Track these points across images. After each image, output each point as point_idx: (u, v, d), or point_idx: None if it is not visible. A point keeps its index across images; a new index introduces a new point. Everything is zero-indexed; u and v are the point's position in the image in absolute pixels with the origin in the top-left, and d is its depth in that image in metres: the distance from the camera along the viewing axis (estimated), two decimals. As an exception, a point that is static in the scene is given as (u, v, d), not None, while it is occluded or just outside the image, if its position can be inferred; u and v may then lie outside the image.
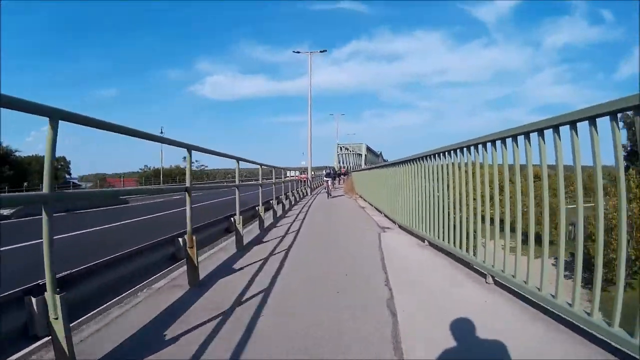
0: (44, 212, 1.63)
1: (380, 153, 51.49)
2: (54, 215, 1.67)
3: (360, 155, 44.27)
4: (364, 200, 12.11)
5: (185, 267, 3.22)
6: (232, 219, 4.79)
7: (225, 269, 3.71)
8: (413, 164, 5.13)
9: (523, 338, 1.97)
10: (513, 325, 2.14)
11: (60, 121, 1.67)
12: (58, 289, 1.66)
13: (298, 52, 25.03)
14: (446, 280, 3.11)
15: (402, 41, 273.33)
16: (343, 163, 40.53)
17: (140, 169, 59.90)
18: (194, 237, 3.14)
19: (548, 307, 2.20)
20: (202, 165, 61.79)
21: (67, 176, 48.11)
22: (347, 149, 44.60)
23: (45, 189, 1.64)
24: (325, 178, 16.10)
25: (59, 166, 47.41)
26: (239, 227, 4.76)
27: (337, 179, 25.24)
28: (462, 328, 2.08)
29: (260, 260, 3.96)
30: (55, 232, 1.67)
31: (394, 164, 6.46)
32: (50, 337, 1.66)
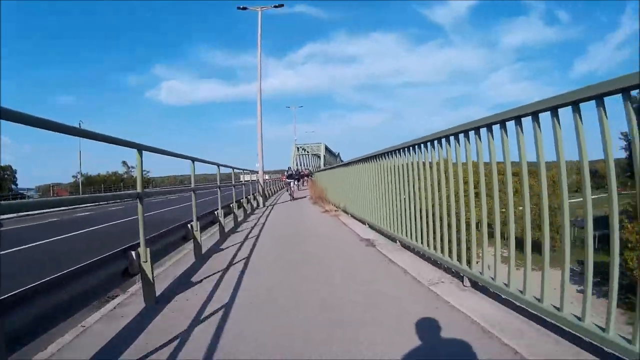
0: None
1: (338, 154, 51.09)
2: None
3: (318, 156, 42.72)
4: (356, 218, 6.67)
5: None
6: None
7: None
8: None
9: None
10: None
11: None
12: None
13: (245, 9, 19.13)
14: None
15: (358, 43, 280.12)
16: (301, 165, 38.68)
17: (73, 176, 51.69)
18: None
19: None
20: (145, 171, 51.84)
21: (14, 186, 43.90)
22: (305, 150, 42.89)
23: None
24: (287, 180, 15.44)
25: (5, 175, 43.83)
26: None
27: (301, 180, 24.56)
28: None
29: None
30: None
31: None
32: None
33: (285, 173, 16.30)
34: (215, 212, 6.05)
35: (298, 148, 41.66)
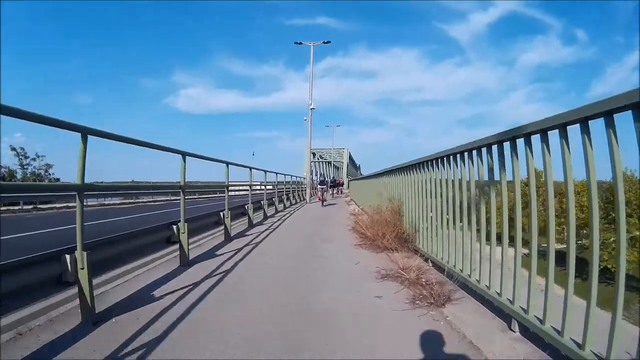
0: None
1: (359, 166, 44.42)
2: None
3: (337, 167, 35.56)
4: None
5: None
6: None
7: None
8: None
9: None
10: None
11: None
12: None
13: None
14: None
15: (377, 58, 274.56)
16: (318, 175, 29.25)
17: None
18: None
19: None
20: (46, 165, 29.01)
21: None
22: (322, 157, 35.79)
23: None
24: (319, 186, 16.28)
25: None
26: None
27: (336, 188, 24.40)
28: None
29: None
30: None
31: None
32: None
33: (317, 179, 16.71)
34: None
35: (314, 154, 33.05)
